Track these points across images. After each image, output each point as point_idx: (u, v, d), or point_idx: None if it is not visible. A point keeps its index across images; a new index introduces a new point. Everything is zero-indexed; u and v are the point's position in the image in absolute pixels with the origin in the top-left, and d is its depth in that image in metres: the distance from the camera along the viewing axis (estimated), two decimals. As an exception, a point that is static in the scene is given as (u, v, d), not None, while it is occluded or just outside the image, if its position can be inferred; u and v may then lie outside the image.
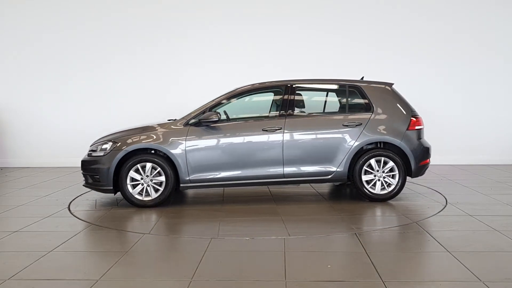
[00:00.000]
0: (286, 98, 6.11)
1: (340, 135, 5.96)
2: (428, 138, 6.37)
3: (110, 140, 6.02)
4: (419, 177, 6.35)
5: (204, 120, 5.89)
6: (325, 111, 6.52)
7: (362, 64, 9.18)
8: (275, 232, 4.74)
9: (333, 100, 6.54)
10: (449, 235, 4.59)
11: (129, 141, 5.93)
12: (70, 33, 9.79)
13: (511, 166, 9.11)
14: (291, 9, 9.58)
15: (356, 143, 5.92)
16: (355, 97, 6.27)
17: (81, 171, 6.20)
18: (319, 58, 9.47)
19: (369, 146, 6.07)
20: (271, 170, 5.93)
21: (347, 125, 5.97)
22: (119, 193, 6.02)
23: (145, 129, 6.10)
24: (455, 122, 9.47)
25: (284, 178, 5.97)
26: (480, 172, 8.39)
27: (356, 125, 5.96)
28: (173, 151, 5.83)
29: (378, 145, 6.08)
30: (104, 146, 5.98)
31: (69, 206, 6.07)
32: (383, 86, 6.28)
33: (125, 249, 4.27)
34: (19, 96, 9.93)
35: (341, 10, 9.56)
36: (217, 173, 5.92)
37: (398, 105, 6.15)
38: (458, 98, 9.52)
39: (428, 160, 6.18)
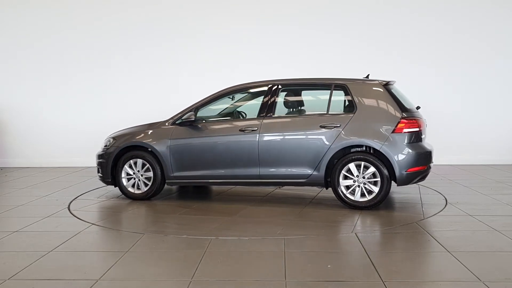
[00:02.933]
0: (266, 98, 5.99)
1: (316, 137, 5.65)
2: (428, 138, 6.23)
3: (112, 137, 6.52)
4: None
5: (185, 120, 6.10)
6: (308, 111, 6.18)
7: (362, 64, 9.16)
8: (191, 232, 4.79)
9: (317, 100, 6.27)
10: (449, 235, 4.59)
11: (125, 138, 6.37)
12: (70, 33, 9.79)
13: (511, 166, 9.11)
14: (290, 10, 9.56)
15: (333, 146, 5.56)
16: (340, 96, 5.89)
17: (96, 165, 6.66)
18: (319, 58, 9.45)
19: (359, 149, 5.65)
20: (247, 170, 5.90)
21: (324, 127, 5.63)
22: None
23: (147, 127, 6.45)
24: (455, 122, 9.45)
25: (260, 179, 5.91)
26: (480, 172, 8.39)
27: (334, 127, 5.60)
28: (159, 149, 6.13)
29: (367, 149, 5.61)
30: (108, 142, 6.49)
31: (69, 206, 6.07)
32: (373, 84, 5.81)
33: (125, 249, 4.27)
34: (19, 96, 9.92)
35: (341, 10, 9.55)
36: (197, 172, 6.10)
37: (386, 105, 5.62)
38: (458, 98, 9.51)
39: (422, 167, 5.58)
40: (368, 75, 6.31)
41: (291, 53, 9.54)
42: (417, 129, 5.60)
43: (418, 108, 6.04)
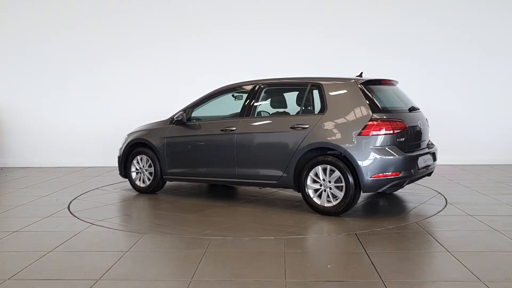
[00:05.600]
0: (247, 98, 5.98)
1: (285, 139, 5.50)
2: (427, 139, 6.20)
3: (128, 134, 6.96)
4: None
5: (176, 119, 6.37)
6: (286, 111, 6.05)
7: (363, 65, 9.12)
8: (129, 226, 5.12)
9: (295, 100, 6.03)
10: (449, 235, 4.59)
11: (134, 135, 6.82)
12: (70, 33, 9.80)
13: (511, 166, 9.11)
14: (291, 10, 9.57)
15: (299, 148, 5.35)
16: (314, 96, 5.68)
17: None
18: (319, 59, 9.45)
19: (334, 152, 5.29)
20: (227, 170, 5.96)
21: (294, 128, 5.44)
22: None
23: (155, 125, 6.74)
24: (455, 122, 9.46)
25: (238, 179, 5.92)
26: (480, 172, 8.39)
27: (303, 128, 5.39)
28: (157, 146, 6.50)
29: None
30: (125, 139, 6.95)
31: (69, 206, 6.07)
32: (347, 83, 5.44)
33: (125, 249, 4.27)
34: (19, 96, 9.93)
35: (341, 10, 9.56)
36: (187, 169, 6.33)
37: (357, 105, 5.23)
38: (458, 98, 9.51)
39: (392, 174, 5.07)
40: (361, 73, 6.00)
41: (292, 53, 9.54)
42: (390, 132, 5.11)
43: (413, 109, 5.76)
